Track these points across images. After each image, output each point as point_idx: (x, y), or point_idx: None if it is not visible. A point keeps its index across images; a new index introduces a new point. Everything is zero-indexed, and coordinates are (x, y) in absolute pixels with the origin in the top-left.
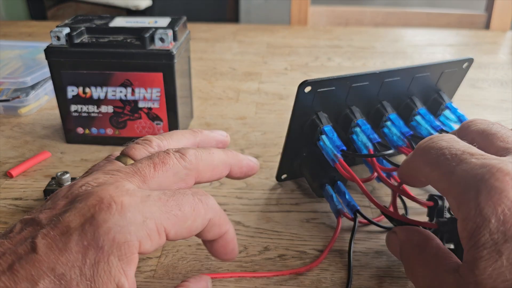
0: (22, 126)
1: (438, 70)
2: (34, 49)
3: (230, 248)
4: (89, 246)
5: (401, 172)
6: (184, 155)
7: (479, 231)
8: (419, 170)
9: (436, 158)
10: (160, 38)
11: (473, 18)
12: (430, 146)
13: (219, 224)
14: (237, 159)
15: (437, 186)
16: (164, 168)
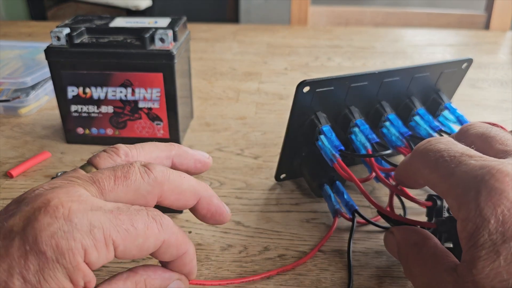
0: (22, 126)
1: (438, 70)
2: (34, 49)
3: (186, 270)
4: (30, 251)
5: (398, 174)
6: (150, 170)
7: (479, 231)
8: (418, 172)
9: (434, 161)
10: (160, 39)
11: (473, 18)
12: (428, 148)
13: (176, 245)
14: (208, 194)
15: (436, 188)
16: (125, 182)
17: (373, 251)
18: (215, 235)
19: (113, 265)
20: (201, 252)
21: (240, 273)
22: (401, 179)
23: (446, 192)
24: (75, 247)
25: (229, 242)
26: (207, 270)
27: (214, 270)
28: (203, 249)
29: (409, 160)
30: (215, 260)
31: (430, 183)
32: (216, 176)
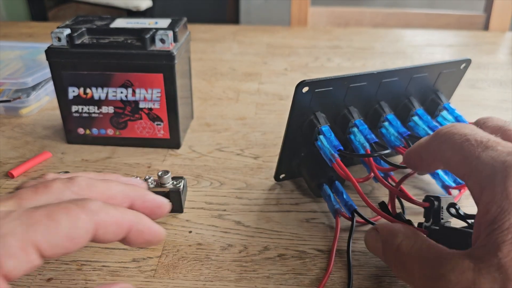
0: (23, 127)
1: (436, 71)
2: (35, 49)
3: (145, 238)
4: None
5: (411, 155)
6: (72, 180)
7: (504, 215)
8: (438, 153)
9: (460, 143)
10: (160, 39)
11: (472, 19)
12: (453, 131)
13: (115, 223)
14: (140, 192)
15: (458, 170)
16: (46, 190)
17: None
18: (215, 234)
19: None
20: (201, 252)
21: (240, 272)
22: (413, 161)
23: (468, 175)
24: None
25: (229, 242)
26: (207, 270)
27: (214, 270)
28: (204, 249)
29: (428, 141)
30: (215, 260)
31: (450, 165)
32: (216, 176)
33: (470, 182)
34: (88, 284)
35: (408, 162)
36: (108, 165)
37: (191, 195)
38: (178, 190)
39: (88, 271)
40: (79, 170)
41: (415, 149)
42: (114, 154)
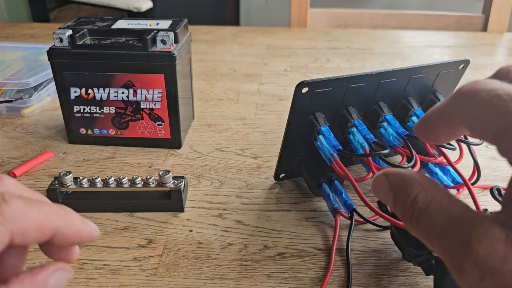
0: (25, 127)
1: (435, 71)
2: (37, 50)
3: (72, 241)
4: None
5: (427, 121)
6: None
7: None
8: (461, 114)
9: (489, 100)
10: (161, 40)
11: (471, 20)
12: (478, 88)
13: (38, 228)
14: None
15: (487, 131)
16: None
17: (372, 249)
18: (215, 233)
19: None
20: (202, 251)
21: (240, 271)
22: (428, 129)
23: (502, 134)
24: None
25: (230, 241)
26: (208, 268)
27: (214, 268)
28: (204, 248)
29: (447, 102)
30: (216, 259)
31: (477, 126)
32: (217, 175)
33: (505, 143)
34: (90, 282)
35: (422, 130)
36: (110, 165)
37: (191, 194)
38: (179, 190)
39: (90, 270)
40: (81, 170)
41: (430, 114)
42: (116, 154)
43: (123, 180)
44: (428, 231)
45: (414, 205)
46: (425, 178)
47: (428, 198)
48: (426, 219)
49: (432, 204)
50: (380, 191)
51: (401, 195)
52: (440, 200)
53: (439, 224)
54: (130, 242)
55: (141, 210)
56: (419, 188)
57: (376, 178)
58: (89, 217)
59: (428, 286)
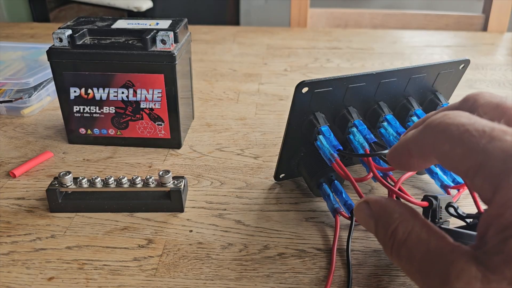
0: (24, 127)
1: (435, 71)
2: (37, 50)
3: None
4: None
5: (399, 153)
6: None
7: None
8: (432, 148)
9: (459, 135)
10: (161, 40)
11: (471, 20)
12: (448, 122)
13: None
14: None
15: (459, 166)
16: None
17: (372, 249)
18: (215, 234)
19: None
20: (202, 251)
21: (240, 271)
22: (401, 159)
23: (474, 171)
24: None
25: (230, 241)
26: (208, 269)
27: (214, 269)
28: (204, 248)
29: (418, 135)
30: (216, 259)
31: (448, 161)
32: (217, 175)
33: (477, 180)
34: (90, 283)
35: (394, 161)
36: (110, 165)
37: (191, 194)
38: (179, 190)
39: (89, 270)
40: (81, 170)
41: (402, 146)
42: (115, 154)
43: (123, 180)
44: (408, 263)
45: (394, 235)
46: (405, 208)
47: (408, 229)
48: (406, 251)
49: (411, 235)
50: (362, 218)
51: (382, 225)
52: (419, 232)
53: (419, 257)
54: (130, 242)
55: (141, 210)
56: (400, 218)
57: (358, 205)
58: (88, 217)
59: None
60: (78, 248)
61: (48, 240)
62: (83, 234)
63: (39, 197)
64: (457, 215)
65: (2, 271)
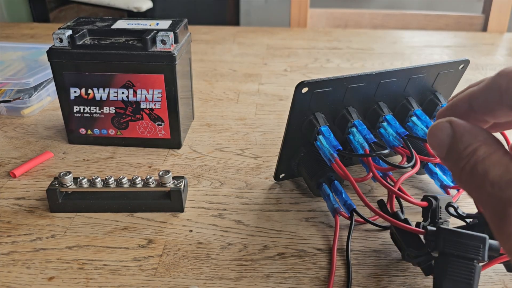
0: (24, 127)
1: (434, 71)
2: (37, 50)
3: None
4: None
5: (457, 105)
6: None
7: None
8: (506, 95)
9: None
10: (161, 40)
11: (471, 20)
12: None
13: None
14: None
15: None
16: None
17: (372, 249)
18: (215, 234)
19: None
20: (202, 251)
21: (240, 271)
22: (459, 111)
23: None
24: None
25: (230, 241)
26: (208, 269)
27: (214, 269)
28: (204, 248)
29: (486, 84)
30: (216, 259)
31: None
32: (217, 176)
33: None
34: (90, 283)
35: (451, 111)
36: (110, 165)
37: (191, 194)
38: (179, 190)
39: (90, 270)
40: (81, 170)
41: (463, 97)
42: (116, 154)
43: (123, 180)
44: (481, 179)
45: (473, 153)
46: (489, 134)
47: (490, 151)
48: (482, 168)
49: (492, 156)
50: (438, 136)
51: (459, 144)
52: (501, 156)
53: (494, 174)
54: (130, 242)
55: (141, 210)
56: (484, 141)
57: (438, 123)
58: (89, 217)
59: (428, 286)
60: (78, 248)
61: (48, 240)
62: (83, 234)
63: (39, 197)
64: (457, 215)
65: (2, 271)
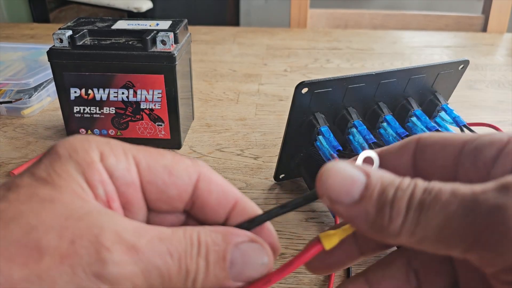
0: (25, 127)
1: (434, 72)
2: (37, 51)
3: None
4: (46, 154)
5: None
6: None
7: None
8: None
9: None
10: (161, 41)
11: (471, 20)
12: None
13: (221, 184)
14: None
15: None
16: None
17: None
18: None
19: None
20: None
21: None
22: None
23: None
24: (89, 146)
25: None
26: None
27: None
28: None
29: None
30: None
31: None
32: None
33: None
34: None
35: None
36: None
37: None
38: None
39: None
40: None
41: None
42: None
43: None
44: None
45: (414, 190)
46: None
47: (429, 186)
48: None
49: (443, 189)
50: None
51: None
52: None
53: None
54: None
55: None
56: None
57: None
58: None
59: None
60: None
61: None
62: None
63: None
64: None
65: None
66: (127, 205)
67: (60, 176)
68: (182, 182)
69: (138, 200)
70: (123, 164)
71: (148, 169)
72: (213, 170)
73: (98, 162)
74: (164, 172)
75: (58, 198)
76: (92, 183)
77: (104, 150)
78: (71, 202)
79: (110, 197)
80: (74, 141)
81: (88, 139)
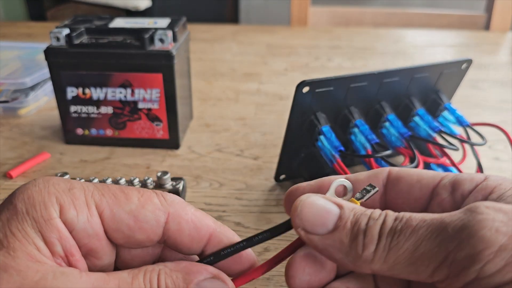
0: (21, 127)
1: (437, 71)
2: (34, 50)
3: (232, 264)
4: (3, 208)
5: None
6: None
7: None
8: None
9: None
10: (159, 39)
11: (474, 19)
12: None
13: (193, 222)
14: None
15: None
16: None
17: None
18: None
19: None
20: None
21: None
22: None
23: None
24: (48, 199)
25: None
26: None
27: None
28: None
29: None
30: None
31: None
32: (216, 177)
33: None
34: None
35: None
36: (107, 166)
37: (190, 196)
38: (177, 191)
39: None
40: (78, 171)
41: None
42: (113, 155)
43: (121, 181)
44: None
45: (385, 218)
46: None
47: (400, 215)
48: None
49: (412, 217)
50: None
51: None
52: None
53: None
54: None
55: None
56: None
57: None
58: None
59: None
60: None
61: None
62: None
63: None
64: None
65: None
66: (91, 253)
67: (15, 238)
68: (149, 226)
69: (103, 247)
70: (84, 216)
71: (113, 218)
72: (185, 205)
73: (56, 218)
74: (130, 219)
75: (12, 267)
76: (50, 240)
77: (65, 202)
78: (26, 268)
79: (69, 252)
80: (32, 193)
81: (49, 190)
